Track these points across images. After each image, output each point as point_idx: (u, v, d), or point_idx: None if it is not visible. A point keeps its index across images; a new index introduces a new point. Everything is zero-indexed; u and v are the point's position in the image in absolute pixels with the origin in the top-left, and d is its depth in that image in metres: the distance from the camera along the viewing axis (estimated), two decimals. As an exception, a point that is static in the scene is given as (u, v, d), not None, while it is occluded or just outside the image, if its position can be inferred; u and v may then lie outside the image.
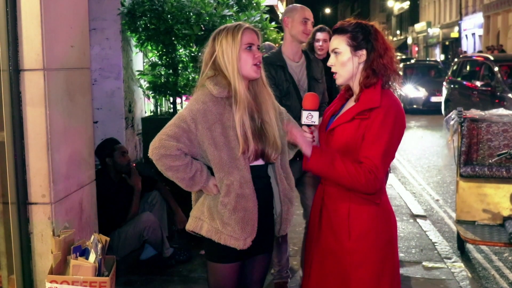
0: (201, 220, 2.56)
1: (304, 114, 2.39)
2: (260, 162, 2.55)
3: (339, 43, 2.41)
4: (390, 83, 2.41)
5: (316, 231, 2.52)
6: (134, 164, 4.61)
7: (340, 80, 2.45)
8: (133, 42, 5.51)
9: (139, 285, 4.19)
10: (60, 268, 2.69)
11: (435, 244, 5.22)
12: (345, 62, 2.40)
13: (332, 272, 2.44)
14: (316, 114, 2.38)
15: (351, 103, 2.45)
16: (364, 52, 2.39)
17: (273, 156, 2.54)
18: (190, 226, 2.61)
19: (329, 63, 2.45)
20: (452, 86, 13.47)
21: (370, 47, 2.38)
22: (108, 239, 2.87)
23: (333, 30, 2.47)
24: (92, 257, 2.68)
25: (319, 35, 4.96)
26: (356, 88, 2.43)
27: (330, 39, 4.73)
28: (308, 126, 2.40)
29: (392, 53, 2.43)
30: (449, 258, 4.82)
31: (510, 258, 5.04)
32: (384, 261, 2.42)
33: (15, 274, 2.80)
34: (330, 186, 2.45)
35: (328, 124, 2.49)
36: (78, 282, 2.61)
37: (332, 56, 2.44)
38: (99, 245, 2.73)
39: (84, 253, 2.71)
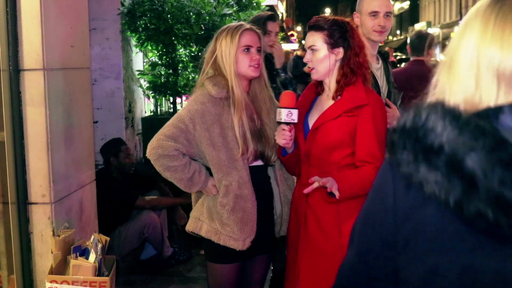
0: (200, 221, 2.56)
1: (284, 112, 2.34)
2: (259, 162, 2.55)
3: (316, 40, 2.39)
4: (367, 80, 2.43)
5: (301, 234, 2.48)
6: (179, 200, 4.62)
7: (316, 75, 2.44)
8: (133, 42, 5.51)
9: (139, 285, 4.19)
10: (60, 268, 2.68)
11: (435, 244, 5.21)
12: (322, 59, 2.39)
13: (325, 273, 2.39)
14: (295, 112, 2.35)
15: (328, 101, 2.44)
16: (341, 49, 2.38)
17: (273, 158, 2.54)
18: (189, 227, 2.61)
19: (305, 59, 2.44)
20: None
21: (347, 45, 2.38)
22: (108, 239, 2.87)
23: (309, 27, 2.44)
24: (92, 257, 2.68)
25: (271, 26, 3.61)
26: (332, 85, 2.42)
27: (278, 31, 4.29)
28: (288, 124, 2.36)
29: (365, 52, 2.44)
30: (449, 258, 4.82)
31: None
32: None
33: (15, 274, 2.80)
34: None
35: (304, 121, 2.46)
36: (78, 282, 2.61)
37: (309, 52, 2.43)
38: (99, 245, 2.73)
39: (84, 253, 2.71)
